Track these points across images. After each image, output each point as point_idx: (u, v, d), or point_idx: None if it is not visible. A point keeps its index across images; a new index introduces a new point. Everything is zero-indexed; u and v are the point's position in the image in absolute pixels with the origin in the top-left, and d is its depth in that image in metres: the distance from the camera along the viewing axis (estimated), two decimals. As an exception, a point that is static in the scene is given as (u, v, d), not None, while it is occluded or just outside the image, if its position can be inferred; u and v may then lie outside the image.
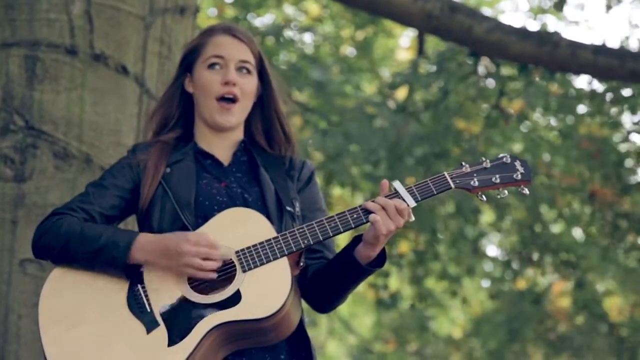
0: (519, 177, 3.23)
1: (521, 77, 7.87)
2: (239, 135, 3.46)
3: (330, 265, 3.30)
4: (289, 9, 10.54)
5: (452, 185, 3.20)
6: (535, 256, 9.93)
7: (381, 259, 3.24)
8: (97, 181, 3.40)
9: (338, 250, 3.39)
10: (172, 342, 3.08)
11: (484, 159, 3.28)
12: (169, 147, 3.41)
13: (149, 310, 3.14)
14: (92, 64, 4.38)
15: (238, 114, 3.39)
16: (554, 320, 11.18)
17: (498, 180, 3.21)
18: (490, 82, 8.33)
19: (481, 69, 8.13)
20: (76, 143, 4.32)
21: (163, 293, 3.16)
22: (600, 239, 9.26)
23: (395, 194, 3.17)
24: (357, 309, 14.33)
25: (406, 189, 3.17)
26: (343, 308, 13.34)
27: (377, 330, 14.09)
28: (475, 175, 3.22)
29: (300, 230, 3.17)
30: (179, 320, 3.11)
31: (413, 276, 10.00)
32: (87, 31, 4.38)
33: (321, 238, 3.17)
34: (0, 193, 4.26)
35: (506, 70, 8.20)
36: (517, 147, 9.16)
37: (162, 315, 3.13)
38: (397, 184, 3.19)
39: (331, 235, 3.18)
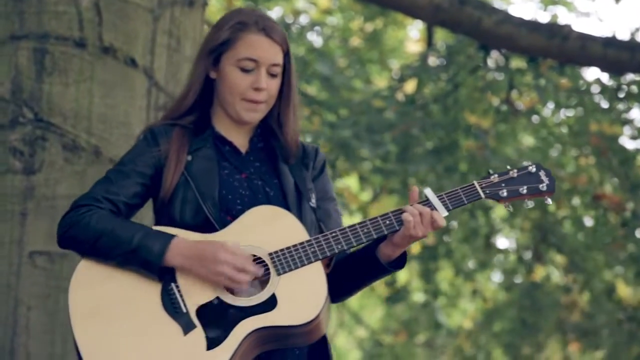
0: (545, 188, 3.27)
1: (530, 70, 7.85)
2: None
3: (350, 260, 3.30)
4: (298, 1, 10.54)
5: (482, 196, 3.25)
6: (545, 255, 9.93)
7: (401, 260, 3.26)
8: (118, 167, 3.32)
9: None
10: (210, 345, 3.06)
11: (509, 167, 3.32)
12: (188, 133, 3.35)
13: (184, 311, 3.09)
14: (100, 56, 4.38)
15: (263, 111, 3.35)
16: (568, 311, 11.18)
17: (525, 192, 3.26)
18: (500, 76, 8.30)
19: (490, 62, 8.10)
20: (85, 135, 4.33)
21: (198, 293, 3.11)
22: (605, 244, 9.24)
23: (427, 202, 3.20)
24: (367, 302, 14.34)
25: (437, 197, 3.21)
26: (352, 300, 13.34)
27: (386, 322, 14.09)
28: (504, 185, 3.26)
29: (334, 234, 3.17)
30: (216, 323, 3.08)
31: (424, 271, 10.00)
32: (95, 24, 4.38)
33: (355, 244, 3.19)
34: (9, 185, 4.27)
35: (516, 63, 8.18)
36: (527, 142, 9.15)
37: (198, 316, 3.09)
38: (428, 192, 3.22)
39: (364, 241, 3.19)
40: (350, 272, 3.30)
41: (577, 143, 8.74)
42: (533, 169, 3.29)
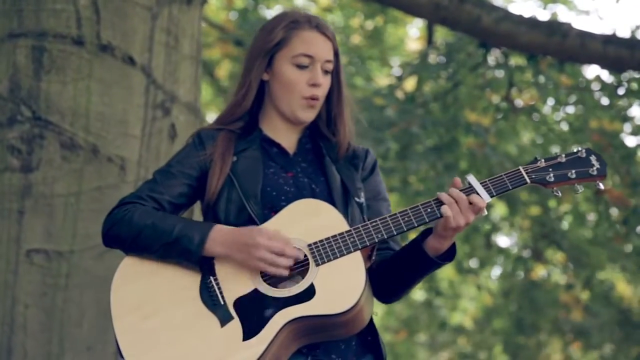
0: (595, 172, 3.16)
1: (530, 67, 7.83)
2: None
3: (398, 256, 3.26)
4: (298, 0, 10.54)
5: (528, 181, 3.15)
6: (546, 252, 9.92)
7: (451, 252, 3.20)
8: (164, 168, 3.35)
9: (403, 241, 3.36)
10: (246, 335, 3.05)
11: (558, 152, 3.22)
12: (235, 136, 3.36)
13: (222, 303, 3.10)
14: (98, 54, 4.38)
15: (317, 110, 3.36)
16: (566, 310, 11.19)
17: (574, 176, 3.16)
18: (500, 73, 8.28)
19: (491, 60, 8.08)
20: (83, 133, 4.32)
21: (236, 285, 3.12)
22: (608, 240, 9.22)
23: (470, 189, 3.13)
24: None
25: (480, 183, 3.13)
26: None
27: (386, 320, 14.11)
28: (550, 170, 3.16)
29: (374, 224, 3.13)
30: (253, 314, 3.08)
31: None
32: (93, 21, 4.38)
33: (395, 233, 3.13)
34: (7, 183, 4.27)
35: (515, 60, 8.17)
36: (527, 140, 9.14)
37: (236, 308, 3.09)
38: (471, 178, 3.14)
39: (405, 230, 3.13)
40: (399, 269, 3.25)
41: (578, 140, 8.72)
42: (583, 153, 3.19)
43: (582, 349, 11.41)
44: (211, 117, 11.35)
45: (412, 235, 3.62)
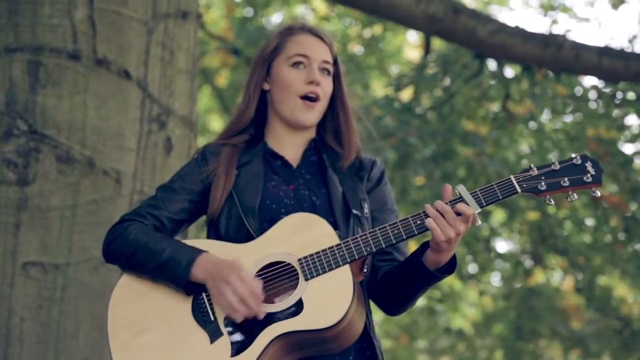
0: (590, 179, 3.10)
1: (525, 78, 7.84)
2: (311, 134, 3.45)
3: (400, 269, 3.26)
4: (297, 8, 10.56)
5: (519, 190, 3.10)
6: (545, 257, 9.92)
7: (451, 265, 3.18)
8: (167, 184, 3.39)
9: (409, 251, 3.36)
10: (235, 351, 3.07)
11: (552, 160, 3.17)
12: (238, 151, 3.39)
13: (212, 319, 3.13)
14: (94, 68, 4.40)
15: (319, 113, 3.38)
16: (565, 316, 11.18)
17: (567, 184, 3.10)
18: (496, 84, 8.29)
19: (487, 71, 8.09)
20: (79, 147, 4.35)
21: None
22: (606, 245, 9.22)
23: (460, 199, 3.10)
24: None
25: (471, 193, 3.10)
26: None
27: (386, 327, 14.11)
28: (543, 178, 3.11)
29: (363, 237, 3.13)
30: (243, 330, 3.10)
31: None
32: (89, 36, 4.40)
33: (384, 245, 3.12)
34: (3, 197, 4.29)
35: (514, 69, 8.18)
36: (525, 149, 9.15)
37: (226, 324, 3.12)
38: (461, 189, 3.12)
39: (394, 242, 3.12)
40: (401, 281, 3.25)
41: (575, 148, 8.73)
42: (578, 160, 3.12)
43: (581, 358, 11.40)
44: (211, 124, 11.37)
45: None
